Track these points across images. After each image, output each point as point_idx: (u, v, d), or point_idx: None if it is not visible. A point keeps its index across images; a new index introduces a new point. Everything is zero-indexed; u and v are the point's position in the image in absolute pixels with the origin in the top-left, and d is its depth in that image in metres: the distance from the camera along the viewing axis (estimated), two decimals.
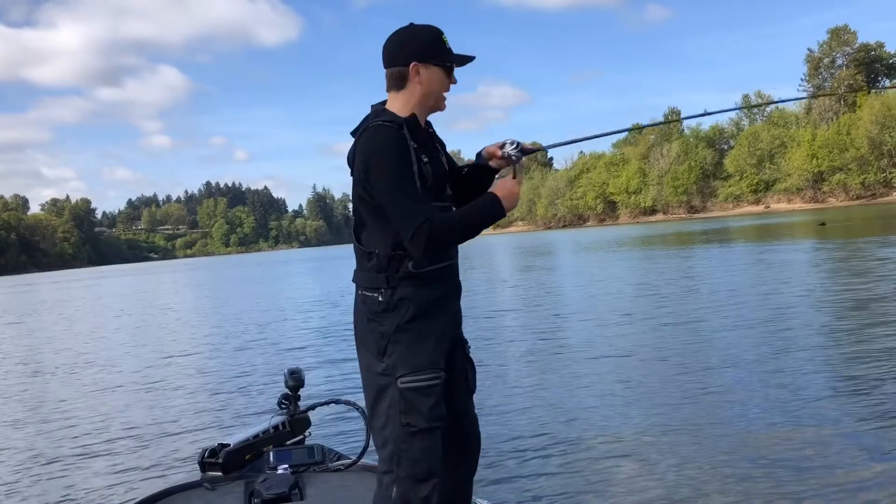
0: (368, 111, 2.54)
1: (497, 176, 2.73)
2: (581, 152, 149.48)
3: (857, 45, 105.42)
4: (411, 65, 2.45)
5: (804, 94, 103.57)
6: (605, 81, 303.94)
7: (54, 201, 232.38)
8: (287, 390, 3.99)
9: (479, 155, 2.75)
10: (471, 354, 2.68)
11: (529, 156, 2.77)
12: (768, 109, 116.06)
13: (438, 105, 2.55)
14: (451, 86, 2.56)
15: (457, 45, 2.53)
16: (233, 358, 11.03)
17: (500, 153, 2.68)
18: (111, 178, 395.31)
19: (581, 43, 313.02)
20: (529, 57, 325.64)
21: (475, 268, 30.26)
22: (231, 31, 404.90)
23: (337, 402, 4.10)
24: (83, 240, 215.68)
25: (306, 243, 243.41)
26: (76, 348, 14.22)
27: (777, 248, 26.10)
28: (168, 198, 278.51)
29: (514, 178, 2.59)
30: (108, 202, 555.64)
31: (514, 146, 2.68)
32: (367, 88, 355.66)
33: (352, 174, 2.47)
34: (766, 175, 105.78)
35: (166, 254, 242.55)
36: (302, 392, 4.04)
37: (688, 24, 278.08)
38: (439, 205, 2.46)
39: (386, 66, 2.50)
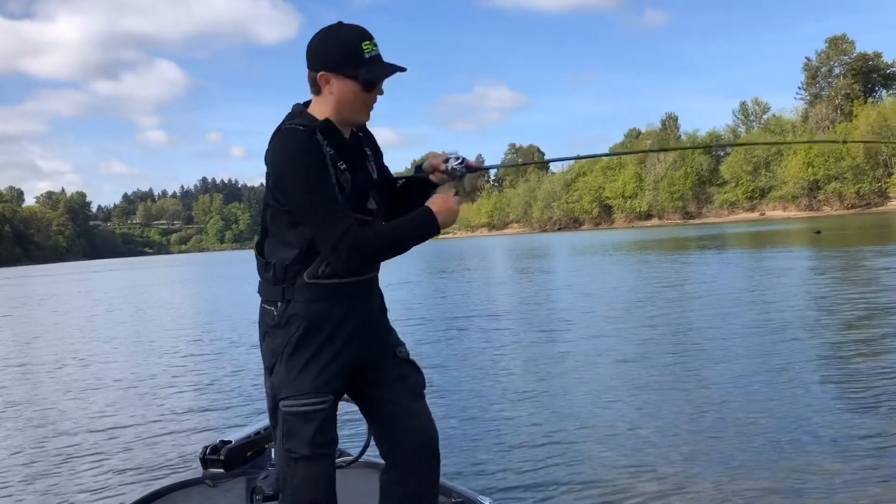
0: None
1: (436, 190, 2.58)
2: (578, 155, 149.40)
3: (854, 54, 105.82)
4: (319, 74, 2.26)
5: (800, 103, 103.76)
6: (603, 84, 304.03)
7: (49, 194, 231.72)
8: None
9: (419, 168, 2.62)
10: (415, 357, 2.56)
11: (479, 173, 2.74)
12: (765, 116, 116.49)
13: (356, 118, 2.34)
14: (379, 96, 2.34)
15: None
16: (234, 355, 11.00)
17: (443, 167, 2.56)
18: (107, 171, 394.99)
19: (579, 46, 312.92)
20: (528, 59, 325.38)
21: (471, 269, 30.28)
22: (230, 27, 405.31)
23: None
24: (78, 233, 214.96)
25: None
26: (76, 344, 14.14)
27: (774, 255, 26.17)
28: (164, 193, 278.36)
29: (455, 194, 2.43)
30: (104, 196, 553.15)
31: (458, 161, 2.55)
32: None
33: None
34: (762, 182, 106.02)
35: (161, 248, 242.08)
36: None
37: (686, 29, 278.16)
38: (360, 217, 2.25)
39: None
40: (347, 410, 2.66)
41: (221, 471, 3.63)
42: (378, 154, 2.50)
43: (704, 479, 4.49)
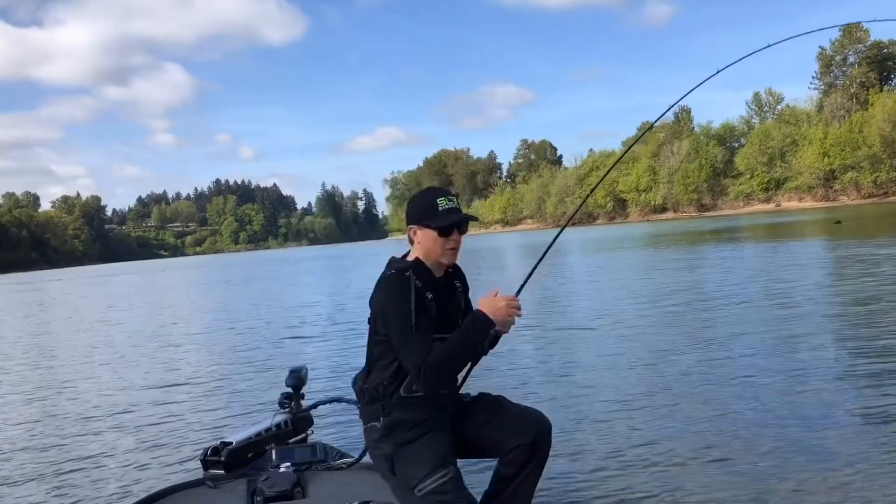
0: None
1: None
2: (591, 150, 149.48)
3: (869, 42, 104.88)
4: (409, 229, 2.90)
5: (815, 92, 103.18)
6: (610, 79, 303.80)
7: (65, 198, 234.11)
8: (289, 389, 3.96)
9: None
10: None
11: None
12: (779, 107, 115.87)
13: (441, 260, 2.88)
14: (455, 238, 2.86)
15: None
16: (235, 356, 11.03)
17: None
18: (120, 175, 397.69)
19: (584, 41, 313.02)
20: (533, 55, 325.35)
21: (486, 268, 30.22)
22: (237, 29, 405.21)
23: (339, 400, 4.07)
24: (93, 237, 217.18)
25: (315, 241, 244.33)
26: (78, 345, 14.26)
27: (800, 245, 26.03)
28: (178, 195, 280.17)
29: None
30: (118, 199, 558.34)
31: None
32: (373, 87, 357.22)
33: None
34: (777, 173, 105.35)
35: (176, 251, 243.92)
36: (304, 390, 4.01)
37: (694, 22, 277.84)
38: (443, 336, 2.75)
39: None
40: (351, 408, 2.64)
41: (222, 472, 3.61)
42: (466, 288, 3.07)
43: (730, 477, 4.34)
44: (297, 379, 3.95)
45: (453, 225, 2.83)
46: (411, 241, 2.92)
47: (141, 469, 5.44)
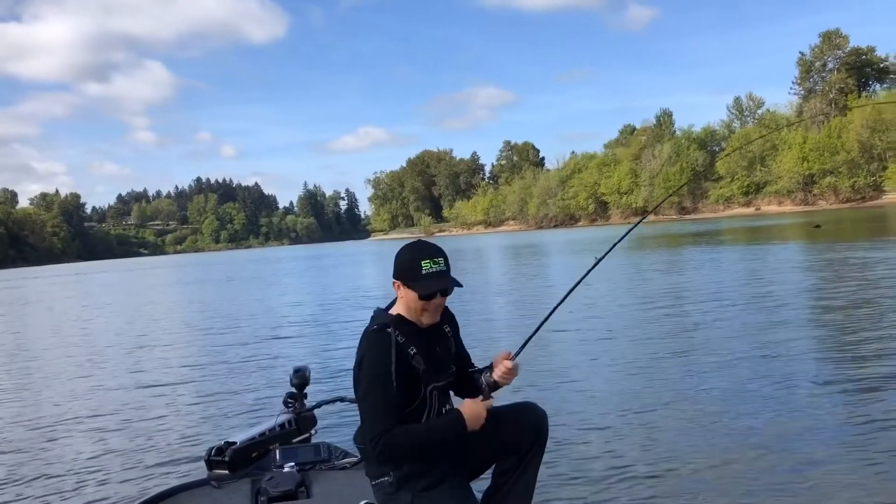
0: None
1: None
2: (573, 152, 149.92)
3: (848, 48, 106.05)
4: (394, 282, 2.85)
5: (794, 97, 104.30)
6: (593, 81, 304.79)
7: (43, 195, 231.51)
8: (293, 389, 3.98)
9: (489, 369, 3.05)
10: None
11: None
12: (759, 111, 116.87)
13: (422, 318, 2.83)
14: (437, 302, 2.81)
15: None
16: (239, 357, 10.97)
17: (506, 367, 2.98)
18: (100, 173, 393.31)
19: (566, 43, 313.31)
20: (515, 57, 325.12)
21: (469, 271, 30.27)
22: (219, 27, 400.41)
23: (342, 400, 4.09)
24: (72, 234, 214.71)
25: (297, 240, 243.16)
26: (79, 345, 14.14)
27: (781, 249, 26.27)
28: (158, 193, 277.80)
29: (483, 398, 2.88)
30: (98, 197, 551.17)
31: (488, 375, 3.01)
32: (356, 86, 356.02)
33: None
34: (757, 177, 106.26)
35: (156, 249, 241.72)
36: (308, 390, 4.03)
37: (674, 25, 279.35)
38: (437, 384, 2.82)
39: None
40: (354, 408, 2.66)
41: (226, 472, 3.65)
42: (455, 329, 3.05)
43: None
44: (301, 379, 3.97)
45: (430, 294, 2.78)
46: (396, 292, 2.88)
47: (145, 469, 5.44)
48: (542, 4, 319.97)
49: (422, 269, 2.76)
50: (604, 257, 3.51)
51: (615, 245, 3.63)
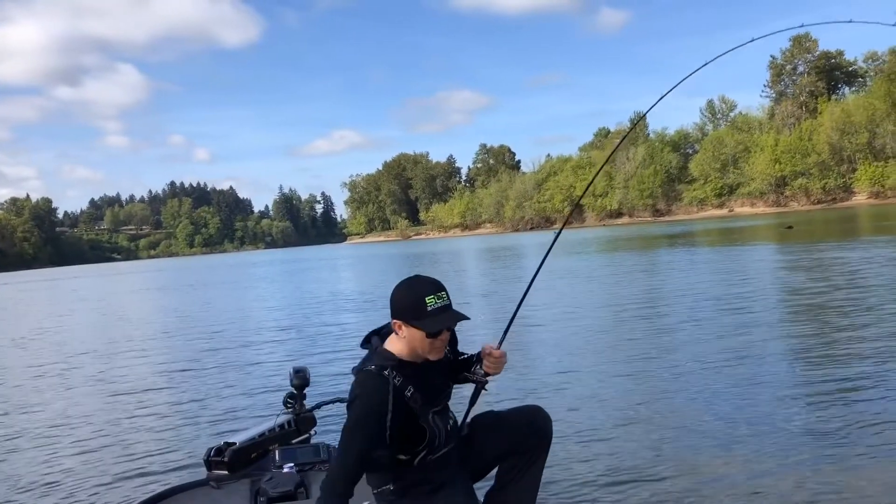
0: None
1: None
2: (548, 155, 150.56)
3: (818, 52, 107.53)
4: (393, 322, 2.74)
5: (766, 100, 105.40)
6: (567, 85, 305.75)
7: (14, 200, 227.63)
8: (292, 389, 3.98)
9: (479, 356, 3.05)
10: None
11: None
12: (732, 114, 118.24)
13: (427, 356, 2.76)
14: (443, 337, 2.76)
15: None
16: (238, 357, 10.97)
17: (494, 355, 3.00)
18: (72, 177, 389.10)
19: (540, 47, 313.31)
20: (489, 60, 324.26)
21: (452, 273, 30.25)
22: (192, 30, 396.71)
23: (342, 400, 4.04)
24: (44, 240, 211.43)
25: (272, 244, 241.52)
26: (78, 348, 14.01)
27: (754, 250, 26.58)
28: (132, 198, 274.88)
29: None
30: (70, 202, 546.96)
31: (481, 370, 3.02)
32: (331, 90, 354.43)
33: None
34: (730, 179, 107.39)
35: (129, 254, 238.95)
36: (307, 391, 4.04)
37: (646, 29, 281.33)
38: (435, 409, 2.80)
39: None
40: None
41: (226, 473, 3.65)
42: (455, 343, 3.00)
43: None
44: (301, 379, 3.97)
45: (438, 331, 2.71)
46: (395, 331, 2.77)
47: (144, 469, 5.46)
48: (515, 8, 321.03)
49: (426, 305, 2.67)
50: (551, 247, 3.65)
51: (553, 244, 3.71)
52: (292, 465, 3.63)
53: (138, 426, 6.98)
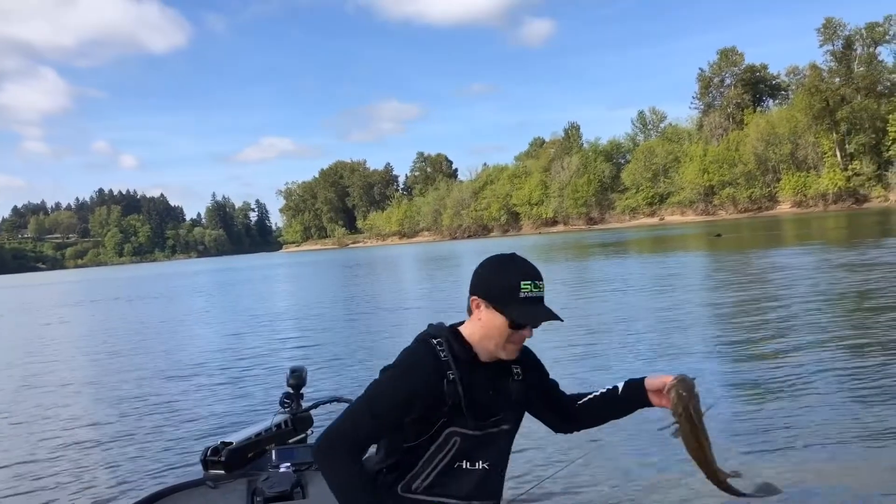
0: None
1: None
2: (485, 164, 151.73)
3: (744, 65, 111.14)
4: (472, 299, 2.20)
5: (695, 112, 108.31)
6: (496, 96, 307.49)
7: None
8: (289, 389, 4.01)
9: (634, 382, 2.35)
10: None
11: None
12: (662, 125, 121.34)
13: (498, 352, 2.19)
14: (525, 334, 2.19)
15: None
16: (235, 357, 10.96)
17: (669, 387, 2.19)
18: None
19: (468, 58, 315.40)
20: (418, 71, 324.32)
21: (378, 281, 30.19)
22: (119, 35, 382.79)
23: (339, 400, 4.14)
24: None
25: (205, 253, 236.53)
26: (78, 350, 13.83)
27: (687, 258, 27.39)
28: (57, 205, 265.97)
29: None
30: None
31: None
32: (262, 97, 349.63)
33: None
34: (661, 188, 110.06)
35: (55, 263, 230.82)
36: (304, 390, 4.07)
37: (570, 42, 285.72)
38: (464, 431, 2.15)
39: None
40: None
41: (222, 472, 3.64)
42: (530, 371, 2.35)
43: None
44: (298, 379, 4.00)
45: (531, 323, 2.17)
46: (469, 311, 2.22)
47: (141, 469, 5.49)
48: (443, 20, 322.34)
49: (521, 290, 2.13)
50: None
51: None
52: (289, 464, 3.62)
53: (135, 426, 7.00)
